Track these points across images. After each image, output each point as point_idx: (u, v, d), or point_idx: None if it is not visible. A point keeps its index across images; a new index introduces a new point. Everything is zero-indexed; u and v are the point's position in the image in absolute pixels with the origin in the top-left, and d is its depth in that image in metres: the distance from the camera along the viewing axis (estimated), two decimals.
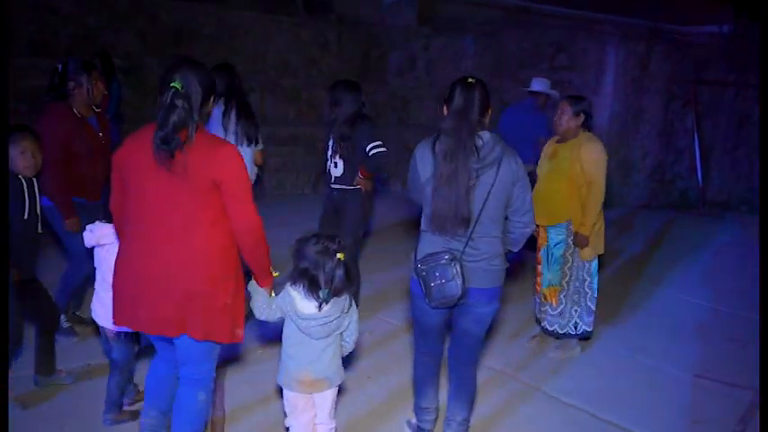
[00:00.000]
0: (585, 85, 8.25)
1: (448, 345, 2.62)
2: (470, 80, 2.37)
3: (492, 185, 2.30)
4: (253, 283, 2.32)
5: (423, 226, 2.46)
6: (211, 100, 2.18)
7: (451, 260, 2.29)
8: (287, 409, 2.37)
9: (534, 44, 8.85)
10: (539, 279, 3.71)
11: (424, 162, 2.37)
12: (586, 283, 3.62)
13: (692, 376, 3.55)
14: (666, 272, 5.61)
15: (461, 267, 2.30)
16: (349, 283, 2.22)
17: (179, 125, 1.98)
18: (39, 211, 2.93)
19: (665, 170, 8.76)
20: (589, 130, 3.57)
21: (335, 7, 10.92)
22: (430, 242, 2.39)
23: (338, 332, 2.28)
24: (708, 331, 4.25)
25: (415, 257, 2.42)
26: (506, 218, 2.43)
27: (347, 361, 2.70)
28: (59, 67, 3.46)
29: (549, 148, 3.65)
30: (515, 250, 2.52)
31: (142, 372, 2.75)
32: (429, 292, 2.33)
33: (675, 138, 8.81)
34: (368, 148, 3.63)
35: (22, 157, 2.81)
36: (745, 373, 3.59)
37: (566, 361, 3.66)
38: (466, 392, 2.58)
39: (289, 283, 2.23)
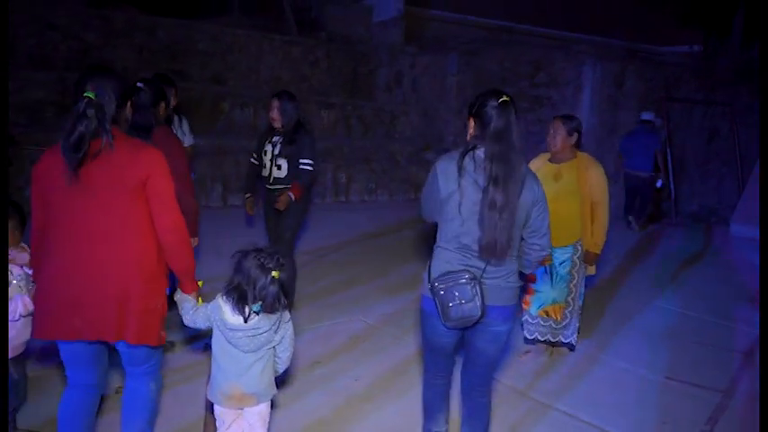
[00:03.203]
0: (563, 101, 8.66)
1: (460, 369, 2.55)
2: (506, 98, 2.22)
3: (516, 206, 2.22)
4: (178, 291, 2.28)
5: (439, 242, 2.33)
6: (128, 105, 2.19)
7: (471, 279, 2.19)
8: (217, 424, 2.29)
9: (515, 62, 9.27)
10: (528, 297, 3.68)
11: (447, 176, 2.24)
12: (582, 296, 3.68)
13: (662, 378, 3.63)
14: (639, 278, 5.80)
15: (480, 287, 2.21)
16: (283, 301, 2.14)
17: (89, 134, 1.98)
18: None
19: None
20: (579, 148, 3.61)
21: (326, 26, 11.31)
22: (446, 260, 2.27)
23: (269, 347, 2.20)
24: (678, 335, 4.34)
25: (429, 275, 2.30)
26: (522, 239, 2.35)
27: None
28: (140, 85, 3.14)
29: (544, 167, 3.57)
30: (527, 272, 2.47)
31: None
32: (446, 313, 2.22)
33: None
34: (301, 162, 3.95)
35: None
36: (713, 375, 3.68)
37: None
38: (480, 420, 2.49)
39: (221, 293, 2.17)
